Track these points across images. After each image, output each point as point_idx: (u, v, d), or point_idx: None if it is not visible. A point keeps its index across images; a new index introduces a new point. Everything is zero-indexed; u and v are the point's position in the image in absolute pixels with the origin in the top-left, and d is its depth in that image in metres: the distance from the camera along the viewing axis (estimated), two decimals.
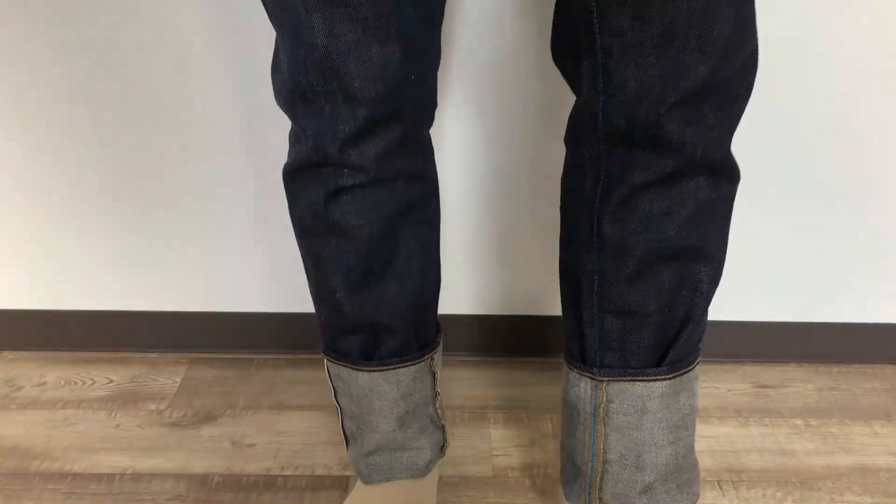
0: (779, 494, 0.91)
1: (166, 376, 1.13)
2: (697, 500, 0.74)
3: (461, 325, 1.14)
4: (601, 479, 0.72)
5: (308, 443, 0.99)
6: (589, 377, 0.70)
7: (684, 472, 0.73)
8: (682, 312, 0.67)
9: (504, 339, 1.16)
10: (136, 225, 1.09)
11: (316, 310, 0.76)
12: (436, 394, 0.82)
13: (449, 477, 0.93)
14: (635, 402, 0.69)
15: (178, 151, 1.03)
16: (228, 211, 1.07)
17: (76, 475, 0.93)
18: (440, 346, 0.81)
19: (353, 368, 0.76)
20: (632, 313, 0.67)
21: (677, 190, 0.62)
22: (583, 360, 0.71)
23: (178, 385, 1.10)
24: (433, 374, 0.80)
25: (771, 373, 1.14)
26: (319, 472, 0.94)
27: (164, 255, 1.11)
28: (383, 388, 0.76)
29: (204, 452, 0.97)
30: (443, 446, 0.85)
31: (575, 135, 0.68)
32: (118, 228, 1.09)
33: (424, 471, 0.82)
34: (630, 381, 0.69)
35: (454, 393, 1.09)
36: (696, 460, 0.74)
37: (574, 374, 0.72)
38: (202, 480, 0.92)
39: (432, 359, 0.79)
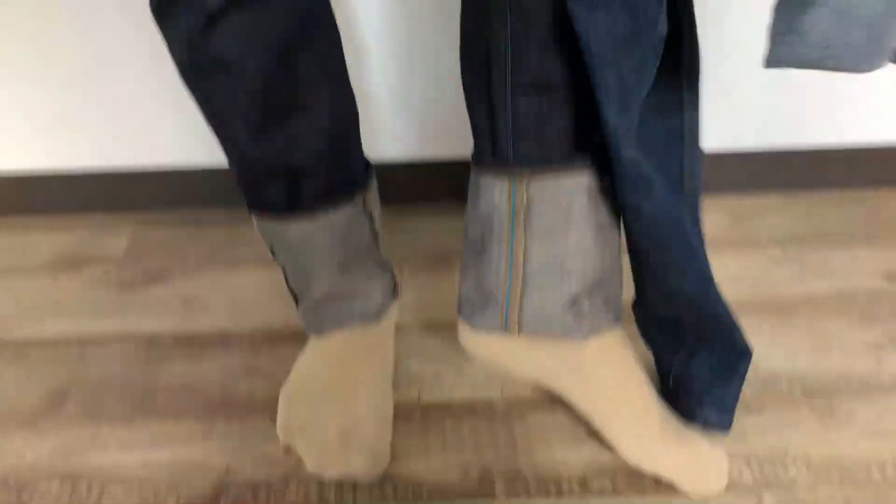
0: (755, 322, 0.88)
1: (112, 238, 1.06)
2: (620, 322, 0.70)
3: (422, 171, 1.08)
4: (521, 296, 0.67)
5: (264, 298, 0.94)
6: (507, 177, 0.63)
7: (610, 286, 0.68)
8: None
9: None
10: (71, 80, 0.99)
11: (228, 162, 0.69)
12: (375, 235, 0.76)
13: (411, 325, 0.89)
14: (560, 199, 0.63)
15: (111, 3, 0.92)
16: (169, 62, 0.97)
17: (19, 342, 0.88)
18: (373, 184, 0.75)
19: (281, 222, 0.70)
20: (548, 88, 0.60)
21: None
22: (494, 155, 0.64)
23: (124, 246, 1.04)
24: (370, 215, 0.74)
25: (748, 203, 1.08)
26: (277, 326, 0.90)
27: (102, 110, 1.02)
28: (317, 236, 0.70)
29: (154, 313, 0.92)
30: (394, 288, 0.80)
31: None
32: (51, 84, 0.99)
33: (377, 316, 0.77)
34: (553, 174, 0.62)
35: (417, 241, 1.03)
36: (622, 280, 0.70)
37: (487, 179, 0.65)
38: (152, 340, 0.88)
39: (364, 199, 0.73)
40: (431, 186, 1.09)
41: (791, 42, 0.50)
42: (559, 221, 0.64)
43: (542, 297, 0.67)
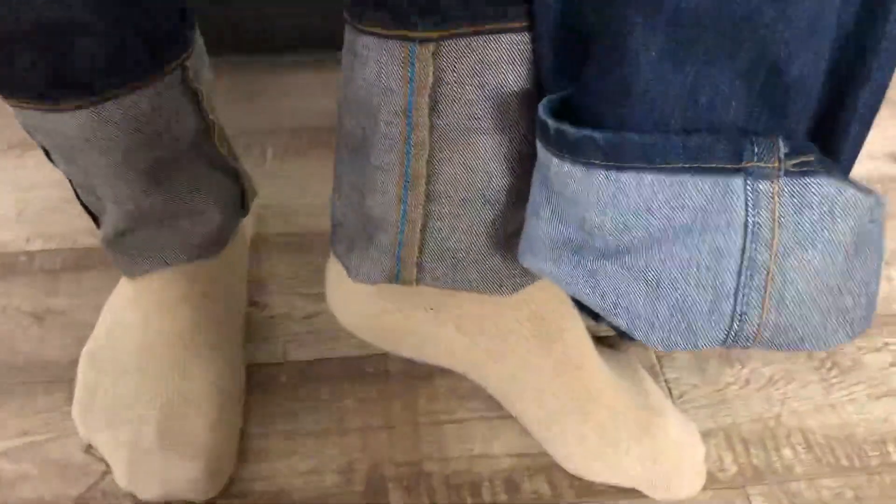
0: None
1: None
2: None
3: (289, 5, 0.78)
4: (423, 229, 0.44)
5: (66, 200, 0.67)
6: (400, 38, 0.38)
7: None
8: None
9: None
10: None
11: None
12: (208, 125, 0.50)
13: (276, 240, 0.65)
14: (486, 75, 0.38)
15: None
16: None
17: None
18: (197, 46, 0.49)
19: (46, 110, 0.44)
20: None
21: None
22: (380, 4, 0.38)
23: None
24: (194, 94, 0.48)
25: None
26: (84, 241, 0.64)
27: None
28: (104, 131, 0.45)
29: None
30: (243, 199, 0.55)
31: None
32: None
33: (216, 243, 0.53)
34: (476, 35, 0.37)
35: (286, 108, 0.77)
36: None
37: (368, 41, 0.39)
38: None
39: (184, 68, 0.47)
40: (306, 28, 0.80)
41: (564, 265, 0.37)
42: (483, 110, 0.39)
43: (455, 229, 0.44)
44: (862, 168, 0.73)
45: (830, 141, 0.35)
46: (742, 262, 0.33)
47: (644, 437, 0.49)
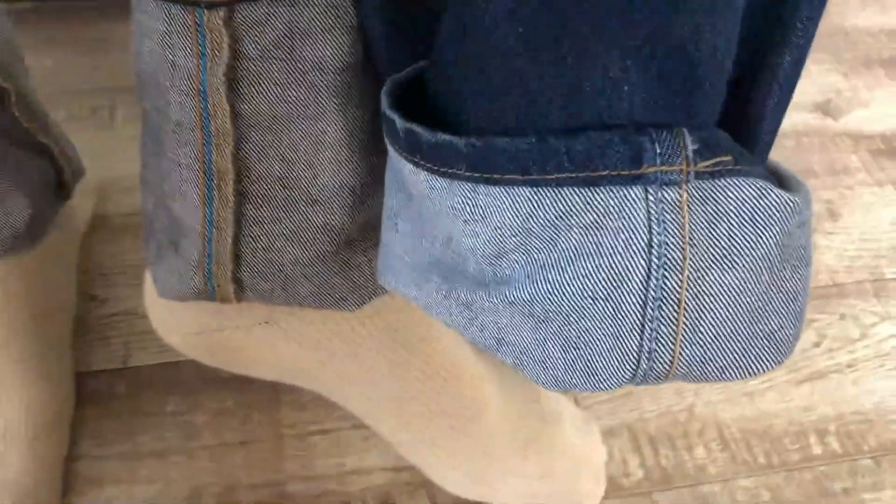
0: None
1: None
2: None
3: None
4: (236, 239, 0.35)
5: None
6: (183, 3, 0.29)
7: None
8: None
9: None
10: None
11: None
12: (1, 94, 0.41)
13: (122, 216, 0.56)
14: (301, 48, 0.30)
15: None
16: None
17: None
18: None
19: None
20: None
21: None
22: None
23: None
24: None
25: None
26: None
27: None
28: None
29: None
30: (61, 182, 0.46)
31: None
32: None
33: (29, 235, 0.44)
34: None
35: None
36: None
37: (146, 3, 0.30)
38: None
39: None
40: None
41: (432, 293, 0.30)
42: (298, 92, 0.31)
43: (276, 236, 0.35)
44: (787, 121, 0.67)
45: (747, 120, 0.28)
46: (647, 291, 0.26)
47: (530, 451, 0.42)
